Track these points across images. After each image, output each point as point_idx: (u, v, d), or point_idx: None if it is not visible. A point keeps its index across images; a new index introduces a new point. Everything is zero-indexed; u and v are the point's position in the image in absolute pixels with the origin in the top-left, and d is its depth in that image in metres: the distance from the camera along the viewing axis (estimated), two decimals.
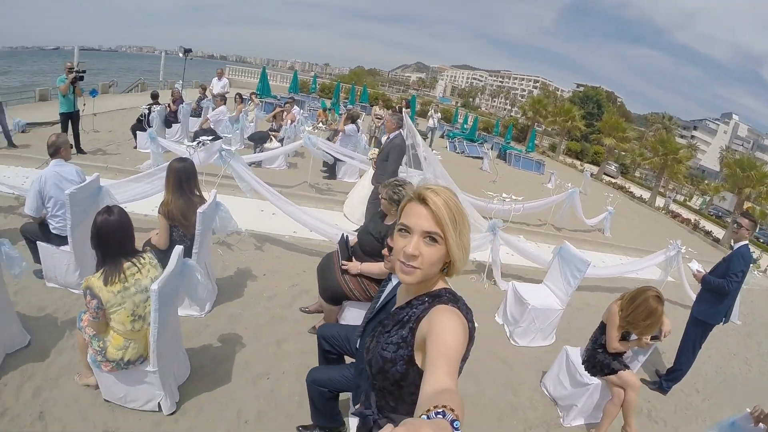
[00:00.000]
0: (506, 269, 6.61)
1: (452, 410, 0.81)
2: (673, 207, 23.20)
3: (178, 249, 3.15)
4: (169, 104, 10.78)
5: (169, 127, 10.74)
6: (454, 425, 0.78)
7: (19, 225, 4.62)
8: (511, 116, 57.16)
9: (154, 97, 10.60)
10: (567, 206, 9.77)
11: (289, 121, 10.54)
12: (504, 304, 5.23)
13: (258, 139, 10.21)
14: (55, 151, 4.33)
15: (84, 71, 9.05)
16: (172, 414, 3.09)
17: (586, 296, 6.40)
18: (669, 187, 30.03)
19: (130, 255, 2.87)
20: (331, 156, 8.97)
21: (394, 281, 2.65)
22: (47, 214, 4.26)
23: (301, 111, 13.15)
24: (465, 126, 26.39)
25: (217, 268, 5.07)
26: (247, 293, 4.82)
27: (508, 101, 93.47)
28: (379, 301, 2.36)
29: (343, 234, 4.22)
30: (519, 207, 7.29)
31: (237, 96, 11.75)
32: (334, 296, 3.84)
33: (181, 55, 13.49)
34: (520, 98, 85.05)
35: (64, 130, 8.70)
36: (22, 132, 9.73)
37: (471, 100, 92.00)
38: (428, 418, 0.80)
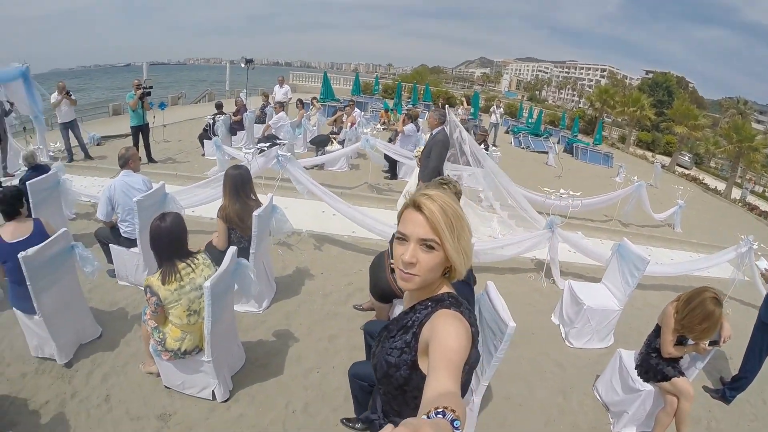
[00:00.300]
0: (567, 267, 6.41)
1: (453, 411, 0.83)
2: (751, 199, 21.13)
3: (231, 250, 3.38)
4: (231, 114, 11.31)
5: (235, 134, 11.27)
6: (454, 425, 0.79)
7: (95, 230, 5.08)
8: (578, 108, 54.72)
9: (219, 107, 11.17)
10: (634, 201, 9.28)
11: (350, 124, 10.75)
12: (560, 304, 5.08)
13: (319, 143, 10.50)
14: (124, 162, 4.75)
15: (151, 87, 9.77)
16: (225, 401, 3.32)
17: (650, 296, 6.07)
18: (746, 177, 27.47)
19: (184, 256, 3.11)
20: (390, 158, 9.08)
21: None
22: (118, 219, 4.69)
23: (363, 113, 13.31)
24: (530, 120, 25.56)
25: (277, 267, 5.31)
26: (304, 291, 5.01)
27: (575, 92, 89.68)
28: None
29: (394, 233, 4.30)
30: (577, 203, 7.01)
31: (298, 102, 12.08)
32: (383, 294, 3.92)
33: (243, 65, 14.08)
34: (587, 89, 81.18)
35: (135, 142, 9.46)
36: (97, 145, 10.72)
37: (537, 93, 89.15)
38: (428, 418, 0.82)
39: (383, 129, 11.96)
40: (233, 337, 3.68)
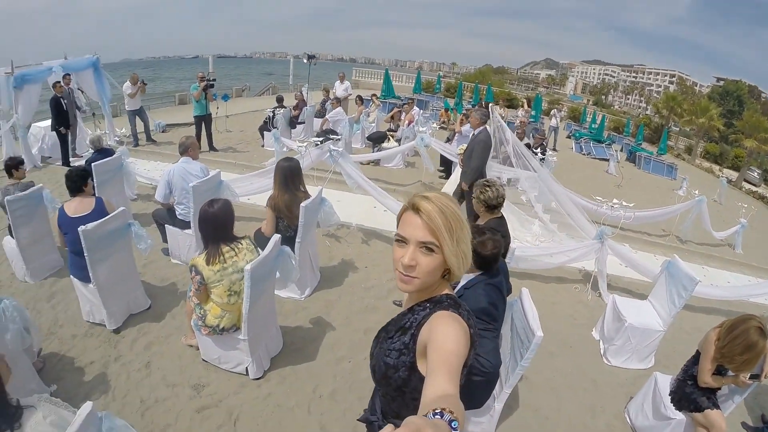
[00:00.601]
0: (615, 281, 6.18)
1: (451, 412, 0.82)
2: None
3: (275, 237, 3.52)
4: (291, 108, 11.64)
5: (294, 128, 11.57)
6: (452, 425, 0.80)
7: (153, 210, 5.44)
8: (644, 115, 52.01)
9: (279, 100, 11.52)
10: (693, 216, 8.80)
11: (408, 122, 10.80)
12: (602, 319, 4.91)
13: (376, 139, 10.64)
14: (184, 150, 5.06)
15: (214, 79, 10.27)
16: (256, 379, 3.47)
17: (700, 320, 5.74)
18: None
19: (229, 240, 3.27)
20: (446, 158, 9.06)
21: (462, 282, 2.72)
22: (174, 202, 5.00)
23: (422, 111, 13.31)
24: (593, 126, 24.64)
25: (323, 258, 5.43)
26: (347, 282, 5.12)
27: (642, 98, 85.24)
28: None
29: None
30: (630, 214, 6.73)
31: (357, 98, 12.21)
32: None
33: (305, 60, 14.40)
34: (655, 95, 76.94)
35: (198, 130, 9.96)
36: (162, 131, 11.43)
37: (603, 97, 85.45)
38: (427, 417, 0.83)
39: (440, 128, 11.90)
40: (272, 321, 3.82)
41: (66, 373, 3.44)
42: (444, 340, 1.18)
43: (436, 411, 0.82)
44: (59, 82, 8.62)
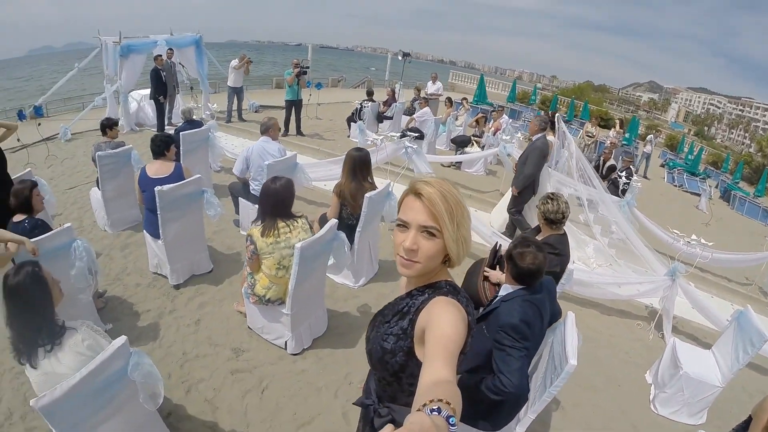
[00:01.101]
0: (682, 324, 5.66)
1: (448, 403, 0.82)
2: None
3: (332, 222, 3.62)
4: (381, 102, 11.89)
5: (381, 122, 11.77)
6: (450, 421, 0.78)
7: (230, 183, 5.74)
8: (747, 152, 47.74)
9: (369, 94, 11.77)
10: None
11: (494, 130, 10.68)
12: (658, 362, 4.59)
13: (460, 143, 10.60)
14: (265, 130, 5.33)
15: (308, 67, 10.60)
16: (294, 354, 3.58)
17: (764, 382, 5.23)
18: None
19: (285, 217, 3.41)
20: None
21: (501, 293, 2.65)
22: (250, 177, 5.26)
23: (511, 121, 13.11)
24: (689, 157, 22.97)
25: (384, 251, 5.43)
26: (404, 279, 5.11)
27: (747, 134, 78.09)
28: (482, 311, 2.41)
29: (497, 242, 4.25)
30: (707, 254, 6.23)
31: (447, 100, 12.20)
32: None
33: (400, 58, 14.56)
34: (761, 132, 70.27)
35: (288, 114, 10.38)
36: (255, 111, 12.04)
37: (705, 128, 79.28)
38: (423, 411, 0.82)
39: (527, 139, 11.67)
40: (319, 302, 3.92)
41: (123, 316, 3.77)
42: (442, 325, 1.17)
43: (434, 408, 0.80)
44: (160, 55, 9.36)
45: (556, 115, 6.95)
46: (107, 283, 4.24)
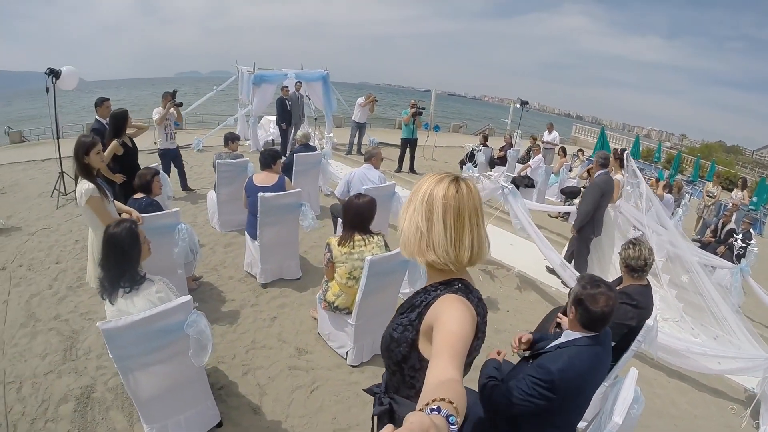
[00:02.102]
0: None
1: (450, 403, 0.82)
2: None
3: None
4: (498, 149, 11.94)
5: (493, 167, 11.73)
6: (450, 420, 0.78)
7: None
8: None
9: (484, 139, 11.89)
10: None
11: None
12: None
13: (569, 194, 10.25)
14: (368, 158, 5.70)
15: (423, 108, 11.06)
16: (352, 366, 3.68)
17: None
18: None
19: (363, 232, 3.60)
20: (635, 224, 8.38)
21: (561, 339, 2.48)
22: None
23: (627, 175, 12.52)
24: None
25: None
26: None
27: None
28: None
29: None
30: None
31: (560, 150, 12.04)
32: (536, 343, 3.80)
33: (518, 106, 14.65)
34: None
35: (402, 152, 10.88)
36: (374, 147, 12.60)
37: None
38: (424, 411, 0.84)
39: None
40: (387, 319, 3.96)
41: (210, 300, 4.23)
42: (449, 322, 1.19)
43: (434, 407, 0.80)
44: (287, 86, 10.40)
45: (626, 152, 6.48)
46: (205, 271, 4.77)
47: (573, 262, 6.00)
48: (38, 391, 3.01)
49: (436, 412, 0.78)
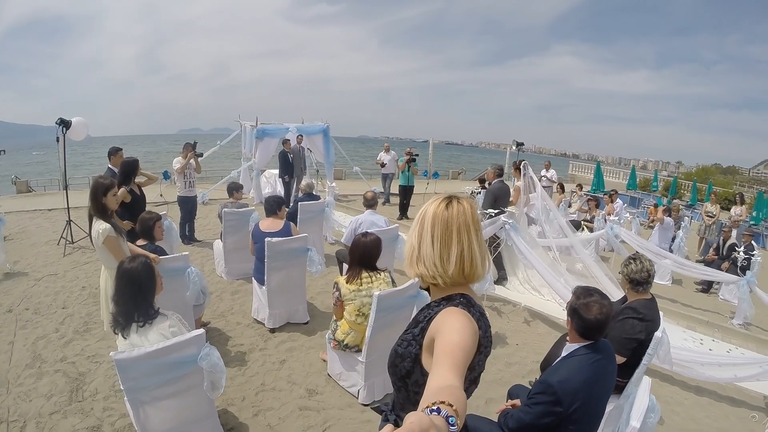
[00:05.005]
0: None
1: (450, 405, 0.83)
2: None
3: (414, 280, 3.76)
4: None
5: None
6: (449, 421, 0.78)
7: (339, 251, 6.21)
8: None
9: (482, 181, 12.15)
10: None
11: (606, 214, 10.34)
12: None
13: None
14: (369, 205, 5.82)
15: (417, 154, 11.32)
16: (364, 405, 3.62)
17: None
18: None
19: (370, 269, 3.65)
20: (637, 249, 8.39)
21: (563, 353, 2.54)
22: None
23: (625, 205, 12.67)
24: None
25: None
26: (493, 353, 5.00)
27: None
28: None
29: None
30: None
31: (558, 186, 12.31)
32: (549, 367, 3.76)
33: (514, 148, 14.96)
34: None
35: (402, 199, 11.11)
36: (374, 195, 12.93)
37: None
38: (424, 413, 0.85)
39: (648, 227, 11.10)
40: None
41: (218, 344, 4.18)
42: (450, 332, 1.20)
43: (433, 408, 0.81)
44: (289, 140, 10.71)
45: (523, 162, 7.10)
46: (212, 317, 4.78)
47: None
48: (43, 431, 2.99)
49: (436, 413, 0.79)
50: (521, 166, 7.09)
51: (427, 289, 1.49)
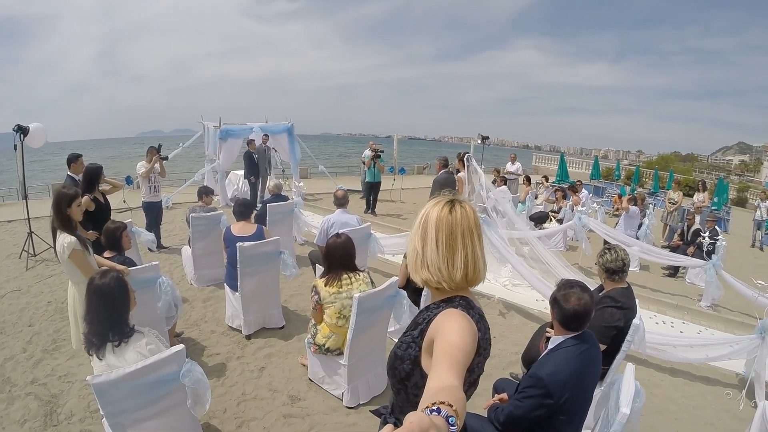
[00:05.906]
0: None
1: (450, 405, 0.83)
2: None
3: (393, 279, 3.74)
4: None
5: None
6: (449, 421, 0.78)
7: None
8: None
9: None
10: None
11: (572, 204, 10.55)
12: (748, 430, 4.00)
13: (537, 219, 10.59)
14: (340, 204, 5.74)
15: (382, 151, 11.32)
16: (349, 408, 3.58)
17: None
18: None
19: (349, 269, 3.61)
20: (606, 239, 8.60)
21: (550, 345, 2.58)
22: None
23: (590, 195, 12.93)
24: None
25: None
26: None
27: None
28: None
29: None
30: None
31: (525, 178, 12.39)
32: (531, 361, 3.78)
33: (479, 141, 15.04)
34: None
35: (367, 194, 11.04)
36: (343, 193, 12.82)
37: None
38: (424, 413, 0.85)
39: (612, 215, 11.39)
40: (379, 358, 3.92)
41: (193, 355, 4.06)
42: (449, 333, 1.20)
43: (433, 408, 0.81)
44: (253, 140, 10.51)
45: (467, 154, 7.49)
46: (185, 327, 4.63)
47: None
48: None
49: (436, 413, 0.79)
50: (464, 159, 7.40)
51: (405, 287, 1.49)
